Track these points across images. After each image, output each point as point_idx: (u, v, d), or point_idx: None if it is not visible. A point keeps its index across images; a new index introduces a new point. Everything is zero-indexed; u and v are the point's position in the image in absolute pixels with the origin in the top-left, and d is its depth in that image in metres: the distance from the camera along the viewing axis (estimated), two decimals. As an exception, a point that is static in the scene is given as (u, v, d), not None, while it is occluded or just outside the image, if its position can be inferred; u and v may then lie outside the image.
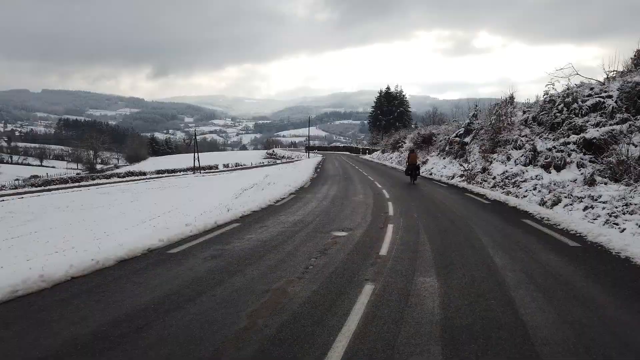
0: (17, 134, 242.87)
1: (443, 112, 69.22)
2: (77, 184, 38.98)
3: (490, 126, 22.14)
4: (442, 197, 15.92)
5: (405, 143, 47.05)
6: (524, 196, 14.45)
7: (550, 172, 15.79)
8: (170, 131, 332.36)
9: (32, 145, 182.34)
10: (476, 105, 27.95)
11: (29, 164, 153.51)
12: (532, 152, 17.64)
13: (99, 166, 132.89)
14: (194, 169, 54.84)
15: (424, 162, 32.03)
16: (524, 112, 23.21)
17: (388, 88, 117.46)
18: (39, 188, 35.71)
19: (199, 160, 54.73)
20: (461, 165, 23.13)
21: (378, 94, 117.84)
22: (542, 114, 19.98)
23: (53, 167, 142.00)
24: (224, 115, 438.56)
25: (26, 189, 36.03)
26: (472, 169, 21.13)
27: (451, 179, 22.75)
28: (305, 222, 10.76)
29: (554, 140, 17.80)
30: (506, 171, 18.03)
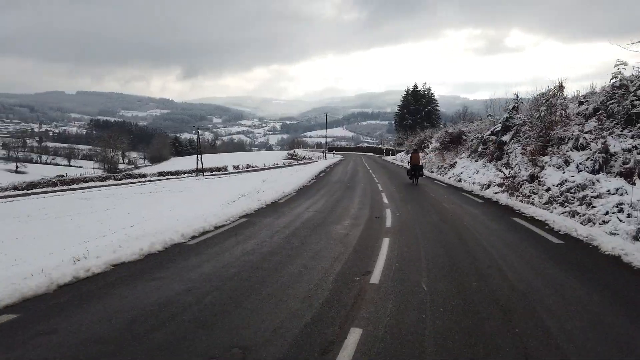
0: (50, 134, 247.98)
1: (474, 111, 63.96)
2: (65, 187, 35.83)
3: (538, 120, 16.98)
4: (482, 229, 9.84)
5: (431, 143, 41.83)
6: (604, 222, 9.45)
7: (635, 184, 10.74)
8: (200, 132, 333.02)
9: (62, 145, 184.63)
10: (517, 96, 22.73)
11: (57, 164, 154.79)
12: (603, 155, 12.56)
13: (122, 166, 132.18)
14: (196, 171, 51.07)
15: (452, 165, 27.01)
16: (581, 103, 17.99)
17: (415, 86, 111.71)
18: (20, 192, 32.64)
19: (202, 162, 50.99)
20: (499, 170, 18.05)
21: (405, 93, 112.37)
22: (610, 103, 14.82)
23: (81, 167, 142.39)
24: (251, 115, 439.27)
25: (6, 193, 32.98)
26: (514, 176, 16.09)
27: (485, 188, 17.77)
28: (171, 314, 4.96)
29: (633, 137, 12.69)
30: (565, 180, 12.98)
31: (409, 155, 23.61)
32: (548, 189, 13.26)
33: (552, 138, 16.04)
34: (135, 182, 40.48)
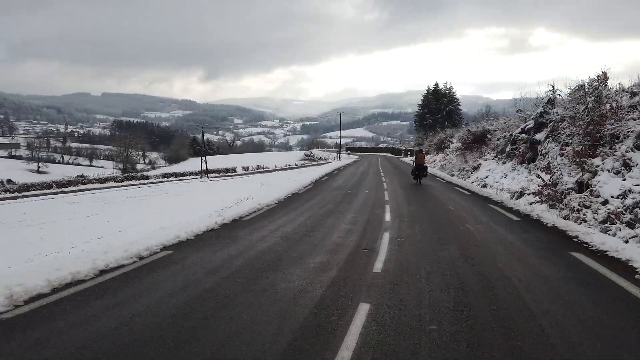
0: (75, 134, 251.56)
1: (497, 111, 60.41)
2: (60, 190, 33.84)
3: (585, 113, 13.60)
4: (531, 279, 6.04)
5: (452, 143, 38.42)
6: None
7: None
8: (220, 132, 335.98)
9: (84, 145, 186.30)
10: (552, 87, 19.29)
11: (79, 164, 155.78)
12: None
13: (140, 166, 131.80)
14: (200, 173, 48.67)
15: (475, 168, 23.71)
16: (633, 94, 14.56)
17: (436, 85, 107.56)
18: (11, 195, 30.68)
19: (206, 164, 48.60)
20: (538, 176, 14.68)
21: (425, 92, 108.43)
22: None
23: (102, 167, 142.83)
24: (272, 116, 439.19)
25: (-3, 196, 31.11)
26: (555, 183, 12.81)
27: (517, 196, 14.50)
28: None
29: None
30: (629, 191, 9.69)
31: (414, 156, 23.77)
32: (605, 202, 10.00)
33: (604, 135, 12.73)
34: (135, 185, 38.35)
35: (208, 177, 45.68)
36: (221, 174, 49.50)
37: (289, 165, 59.80)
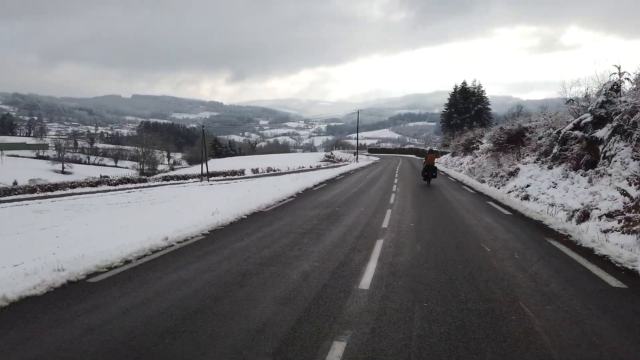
0: (105, 136, 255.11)
1: (529, 111, 55.03)
2: (44, 194, 31.01)
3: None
4: None
5: (481, 143, 33.68)
6: None
7: None
8: (246, 133, 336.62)
9: (110, 146, 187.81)
10: (618, 68, 14.62)
11: (104, 165, 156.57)
12: None
13: (161, 167, 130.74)
14: (201, 177, 45.24)
15: (512, 174, 19.15)
16: None
17: (464, 83, 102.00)
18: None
19: (207, 167, 45.19)
20: (622, 192, 9.95)
21: (452, 90, 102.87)
22: None
23: (126, 167, 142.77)
24: (297, 117, 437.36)
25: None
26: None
27: (580, 218, 10.04)
28: None
29: None
30: None
31: (424, 156, 23.90)
32: None
33: None
34: (130, 188, 35.11)
35: (209, 180, 42.10)
36: (227, 177, 45.80)
37: (302, 167, 55.88)
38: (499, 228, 10.10)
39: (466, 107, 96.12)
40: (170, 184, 38.53)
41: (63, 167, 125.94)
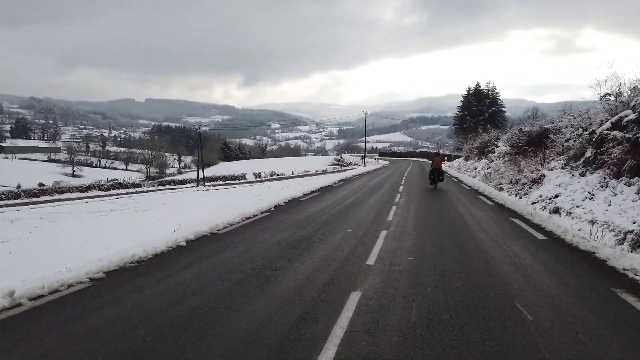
0: (118, 139, 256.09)
1: (545, 114, 51.86)
2: (27, 200, 29.13)
3: None
4: None
5: (497, 146, 31.02)
6: None
7: None
8: (258, 137, 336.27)
9: (121, 149, 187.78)
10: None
11: (115, 168, 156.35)
12: None
13: (170, 170, 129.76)
14: (197, 182, 42.90)
15: (536, 181, 16.55)
16: None
17: (478, 85, 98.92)
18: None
19: (203, 171, 43.05)
20: None
21: (465, 92, 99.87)
22: None
23: (137, 170, 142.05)
24: (309, 121, 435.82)
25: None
26: None
27: (636, 245, 7.55)
28: None
29: None
30: None
31: (432, 160, 23.37)
32: None
33: None
34: (121, 194, 33.12)
35: (205, 185, 39.82)
36: (226, 182, 43.57)
37: (308, 171, 53.52)
38: (537, 267, 7.04)
39: (480, 110, 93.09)
40: (165, 189, 36.41)
41: (73, 171, 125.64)
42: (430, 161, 27.22)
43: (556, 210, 12.32)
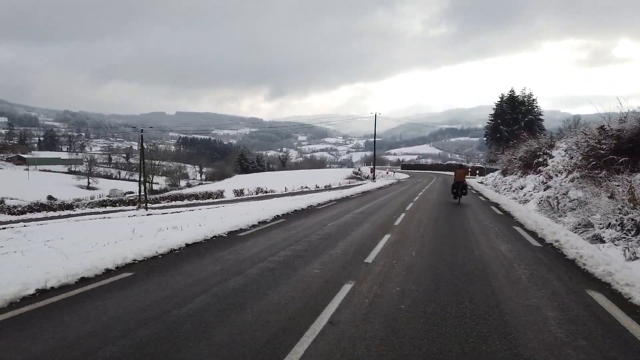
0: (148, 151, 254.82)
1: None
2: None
3: None
4: None
5: (551, 157, 21.46)
6: None
7: None
8: (284, 149, 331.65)
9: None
10: None
11: (134, 180, 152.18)
12: None
13: (183, 183, 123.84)
14: (138, 202, 32.75)
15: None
16: None
17: (512, 91, 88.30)
18: None
19: (146, 190, 33.55)
20: None
21: (499, 100, 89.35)
22: None
23: (157, 182, 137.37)
24: (335, 133, 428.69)
25: None
26: None
27: None
28: None
29: None
30: None
31: (455, 172, 20.34)
32: None
33: None
34: (27, 221, 24.59)
35: (147, 209, 30.27)
36: (191, 203, 33.78)
37: (305, 187, 44.53)
38: None
39: (514, 118, 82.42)
40: (104, 212, 27.52)
41: (89, 183, 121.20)
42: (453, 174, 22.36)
43: None
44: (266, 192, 37.63)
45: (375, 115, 47.16)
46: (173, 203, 31.61)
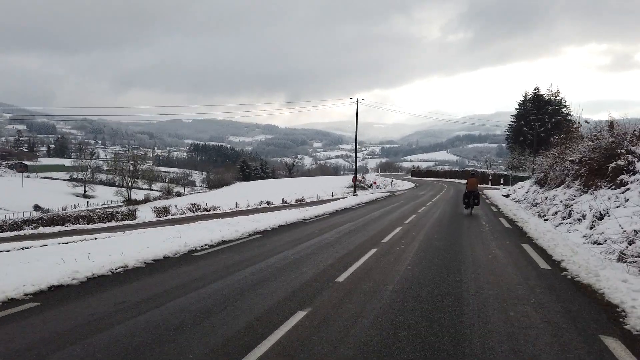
0: (161, 158, 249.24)
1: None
2: None
3: None
4: None
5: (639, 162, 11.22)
6: None
7: None
8: (299, 155, 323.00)
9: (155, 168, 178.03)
10: None
11: (138, 187, 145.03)
12: None
13: (188, 189, 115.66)
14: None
15: None
16: None
17: (537, 89, 76.48)
18: None
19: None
20: None
21: (522, 99, 77.91)
22: None
23: (159, 190, 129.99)
24: (351, 140, 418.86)
25: None
26: None
27: None
28: None
29: None
30: None
31: (467, 181, 18.87)
32: None
33: None
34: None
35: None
36: (178, 217, 22.78)
37: (301, 199, 35.05)
38: None
39: (540, 119, 70.83)
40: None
41: (85, 191, 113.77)
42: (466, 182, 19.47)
43: None
44: (207, 209, 27.44)
45: (357, 100, 37.14)
46: (72, 227, 21.47)
